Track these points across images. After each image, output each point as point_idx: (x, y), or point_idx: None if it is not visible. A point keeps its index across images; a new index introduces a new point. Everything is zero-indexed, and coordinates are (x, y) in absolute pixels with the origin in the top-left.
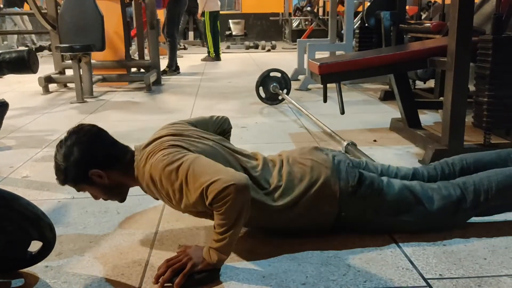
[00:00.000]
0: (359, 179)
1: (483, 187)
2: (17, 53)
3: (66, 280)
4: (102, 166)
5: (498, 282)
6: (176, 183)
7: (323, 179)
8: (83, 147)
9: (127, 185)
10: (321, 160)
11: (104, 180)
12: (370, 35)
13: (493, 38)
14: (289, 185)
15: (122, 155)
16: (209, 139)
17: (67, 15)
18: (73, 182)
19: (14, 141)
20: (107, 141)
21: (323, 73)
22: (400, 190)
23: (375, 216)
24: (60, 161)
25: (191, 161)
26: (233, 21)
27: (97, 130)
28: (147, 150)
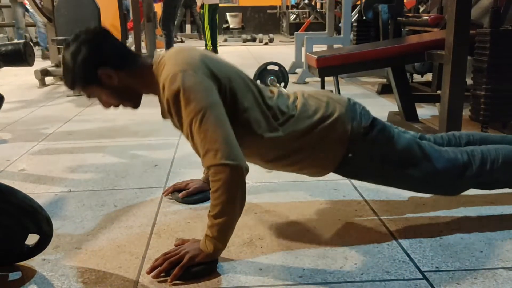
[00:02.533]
0: (372, 122)
1: (490, 157)
2: (13, 45)
3: (64, 273)
4: (112, 65)
5: (494, 274)
6: (185, 113)
7: (337, 115)
8: (91, 45)
9: (138, 89)
10: (337, 98)
11: (114, 81)
12: (368, 28)
13: (491, 32)
14: (302, 115)
15: (132, 57)
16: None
17: (64, 8)
18: (82, 82)
19: (11, 135)
20: (115, 40)
21: (321, 66)
22: (409, 142)
23: (381, 164)
24: (68, 61)
25: (207, 109)
26: (231, 14)
27: (104, 30)
28: (172, 52)
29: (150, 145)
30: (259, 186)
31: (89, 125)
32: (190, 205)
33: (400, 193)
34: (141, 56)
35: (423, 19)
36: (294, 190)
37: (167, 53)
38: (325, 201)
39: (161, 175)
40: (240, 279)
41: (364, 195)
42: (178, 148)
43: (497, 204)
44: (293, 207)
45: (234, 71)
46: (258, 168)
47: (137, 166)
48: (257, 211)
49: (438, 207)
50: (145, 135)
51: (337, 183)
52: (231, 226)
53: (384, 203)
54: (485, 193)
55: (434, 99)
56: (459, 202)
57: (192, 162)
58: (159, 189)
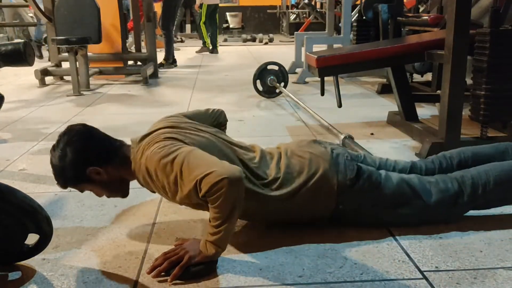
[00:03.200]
0: (357, 173)
1: (480, 181)
2: (13, 45)
3: (63, 273)
4: (98, 163)
5: (494, 274)
6: (171, 176)
7: (321, 172)
8: (75, 147)
9: (126, 179)
10: (320, 153)
11: (103, 177)
12: (367, 28)
13: (491, 31)
14: (287, 177)
15: (116, 150)
16: (205, 132)
17: (63, 7)
18: (73, 183)
19: (10, 134)
20: (99, 137)
21: (321, 66)
22: (398, 184)
23: (372, 209)
24: (56, 165)
25: (186, 154)
26: (231, 14)
27: (87, 129)
28: (144, 143)
29: None
30: None
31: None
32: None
33: None
34: (124, 144)
35: (423, 19)
36: None
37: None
38: None
39: None
40: (240, 279)
41: None
42: None
43: None
44: None
45: (209, 142)
46: None
47: None
48: None
49: None
50: None
51: None
52: (232, 230)
53: None
54: None
55: (434, 99)
56: None
57: None
58: None
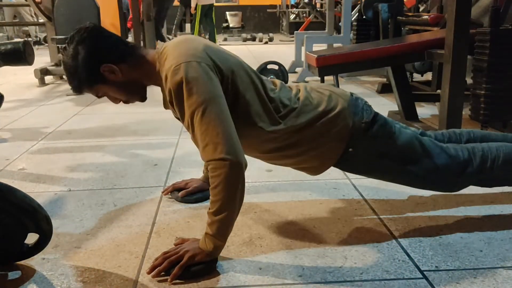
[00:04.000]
0: (373, 117)
1: (490, 154)
2: (12, 44)
3: (63, 272)
4: (113, 60)
5: (494, 274)
6: (187, 105)
7: (339, 109)
8: (87, 43)
9: (143, 81)
10: (340, 92)
11: (118, 76)
12: (368, 27)
13: (491, 31)
14: (304, 109)
15: (131, 49)
16: (236, 58)
17: (63, 7)
18: (88, 83)
19: (10, 134)
20: (110, 35)
21: (321, 65)
22: (410, 138)
23: (381, 159)
24: (69, 64)
25: (208, 101)
26: (230, 13)
27: (97, 27)
28: (174, 42)
29: (150, 144)
30: (259, 185)
31: (89, 124)
32: (189, 204)
33: (399, 192)
34: (141, 47)
35: (423, 18)
36: (294, 189)
37: (170, 43)
38: (325, 200)
39: (161, 174)
40: (240, 278)
41: (363, 194)
42: (178, 147)
43: (497, 203)
44: (293, 206)
45: (237, 63)
46: (258, 167)
47: (136, 165)
48: (256, 210)
49: (438, 206)
50: (145, 134)
51: (336, 182)
52: (231, 222)
53: (384, 202)
54: (485, 193)
55: (434, 98)
56: (459, 202)
57: (192, 161)
58: (158, 188)
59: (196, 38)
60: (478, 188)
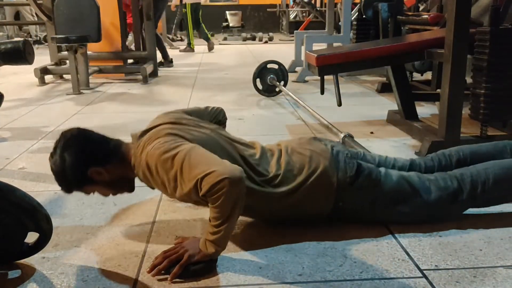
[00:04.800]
0: (357, 170)
1: (480, 179)
2: (12, 44)
3: (63, 271)
4: (98, 163)
5: (493, 273)
6: (171, 172)
7: (321, 169)
8: (73, 150)
9: (128, 176)
10: (320, 150)
11: (104, 176)
12: (367, 27)
13: (491, 30)
14: (288, 174)
15: (115, 148)
16: (206, 128)
17: (63, 6)
18: (77, 186)
19: (10, 133)
20: (94, 138)
21: (321, 65)
22: (397, 181)
23: (372, 207)
24: (57, 171)
25: (187, 151)
26: (230, 12)
27: (81, 131)
28: (144, 138)
29: None
30: None
31: (89, 124)
32: (189, 203)
33: None
34: (122, 142)
35: (423, 18)
36: None
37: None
38: None
39: None
40: (240, 277)
41: None
42: None
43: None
44: None
45: (209, 138)
46: None
47: None
48: None
49: None
50: None
51: None
52: (231, 230)
53: None
54: None
55: (434, 98)
56: None
57: None
58: None
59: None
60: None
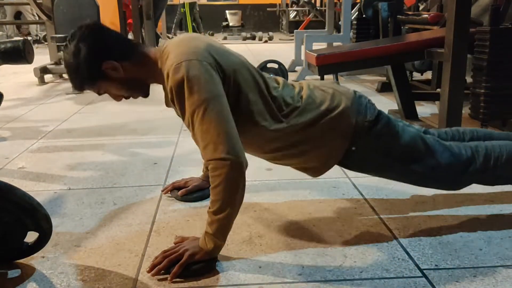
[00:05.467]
0: (377, 116)
1: (494, 153)
2: (12, 43)
3: (63, 271)
4: (114, 57)
5: (493, 272)
6: (188, 104)
7: (342, 107)
8: (89, 41)
9: (145, 79)
10: (343, 91)
11: (120, 73)
12: (367, 26)
13: (491, 30)
14: (307, 107)
15: (133, 46)
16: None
17: (63, 5)
18: (89, 80)
19: (10, 132)
20: (112, 32)
21: (321, 64)
22: (414, 137)
23: (384, 158)
24: (70, 62)
25: (210, 100)
26: (230, 11)
27: (98, 23)
28: (174, 41)
29: (150, 143)
30: (259, 184)
31: (88, 123)
32: (189, 203)
33: (399, 191)
34: (143, 45)
35: (423, 17)
36: (294, 188)
37: (172, 40)
38: (325, 199)
39: (161, 173)
40: (239, 276)
41: (363, 193)
42: (178, 146)
43: (497, 202)
44: (293, 205)
45: (239, 62)
46: (257, 166)
47: (136, 164)
48: (256, 209)
49: (437, 205)
50: (145, 133)
51: (336, 181)
52: (230, 221)
53: (384, 201)
54: (485, 192)
55: (434, 97)
56: (459, 200)
57: (192, 160)
58: (158, 187)
59: (198, 37)
60: (478, 187)
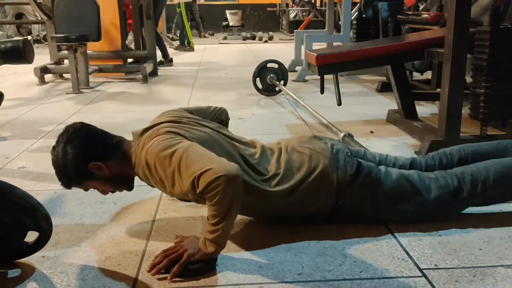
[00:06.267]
0: (357, 169)
1: (480, 177)
2: (12, 43)
3: (63, 271)
4: (100, 158)
5: (493, 272)
6: (169, 169)
7: (321, 167)
8: (75, 144)
9: (128, 173)
10: (320, 149)
11: (105, 172)
12: (367, 26)
13: (491, 30)
14: (287, 173)
15: (117, 145)
16: (206, 127)
17: (63, 5)
18: (77, 180)
19: (10, 132)
20: (97, 133)
21: (320, 64)
22: (397, 179)
23: (372, 205)
24: (58, 164)
25: (185, 149)
26: (230, 11)
27: (85, 126)
28: (145, 136)
29: None
30: None
31: (88, 123)
32: (189, 202)
33: None
34: (124, 140)
35: (423, 17)
36: None
37: (143, 138)
38: None
39: None
40: (239, 276)
41: None
42: None
43: None
44: None
45: (211, 138)
46: None
47: None
48: None
49: None
50: None
51: None
52: (230, 228)
53: None
54: None
55: (434, 97)
56: None
57: None
58: None
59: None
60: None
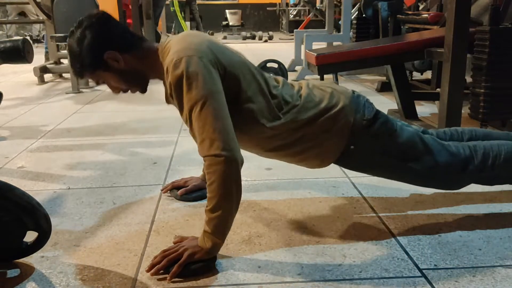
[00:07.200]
0: (375, 115)
1: (492, 152)
2: (11, 42)
3: (62, 271)
4: (117, 48)
5: (492, 272)
6: (185, 98)
7: (340, 106)
8: (95, 29)
9: (145, 73)
10: (341, 90)
11: (120, 64)
12: (367, 26)
13: (490, 29)
14: (306, 105)
15: (136, 39)
16: (239, 55)
17: (62, 5)
18: (90, 68)
19: (9, 132)
20: (119, 23)
21: (320, 63)
22: (412, 136)
23: (382, 156)
24: (74, 48)
25: (207, 97)
26: (230, 11)
27: (106, 14)
28: (177, 37)
29: (149, 143)
30: (258, 183)
31: (88, 122)
32: (188, 202)
33: (399, 190)
34: (146, 39)
35: (423, 17)
36: (293, 187)
37: (174, 36)
38: (324, 199)
39: (160, 172)
40: (239, 276)
41: (363, 192)
42: (177, 145)
43: (496, 202)
44: (292, 204)
45: (240, 60)
46: (257, 166)
47: (136, 164)
48: (255, 208)
49: (437, 204)
50: (144, 133)
51: (336, 180)
52: (229, 220)
53: (383, 200)
54: (484, 191)
55: (434, 97)
56: (458, 200)
57: (191, 160)
58: (158, 186)
59: (200, 34)
60: (478, 187)
